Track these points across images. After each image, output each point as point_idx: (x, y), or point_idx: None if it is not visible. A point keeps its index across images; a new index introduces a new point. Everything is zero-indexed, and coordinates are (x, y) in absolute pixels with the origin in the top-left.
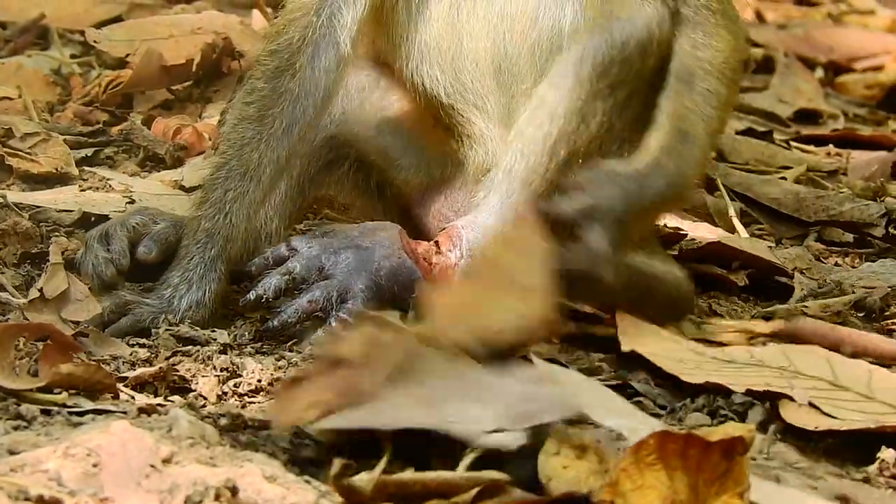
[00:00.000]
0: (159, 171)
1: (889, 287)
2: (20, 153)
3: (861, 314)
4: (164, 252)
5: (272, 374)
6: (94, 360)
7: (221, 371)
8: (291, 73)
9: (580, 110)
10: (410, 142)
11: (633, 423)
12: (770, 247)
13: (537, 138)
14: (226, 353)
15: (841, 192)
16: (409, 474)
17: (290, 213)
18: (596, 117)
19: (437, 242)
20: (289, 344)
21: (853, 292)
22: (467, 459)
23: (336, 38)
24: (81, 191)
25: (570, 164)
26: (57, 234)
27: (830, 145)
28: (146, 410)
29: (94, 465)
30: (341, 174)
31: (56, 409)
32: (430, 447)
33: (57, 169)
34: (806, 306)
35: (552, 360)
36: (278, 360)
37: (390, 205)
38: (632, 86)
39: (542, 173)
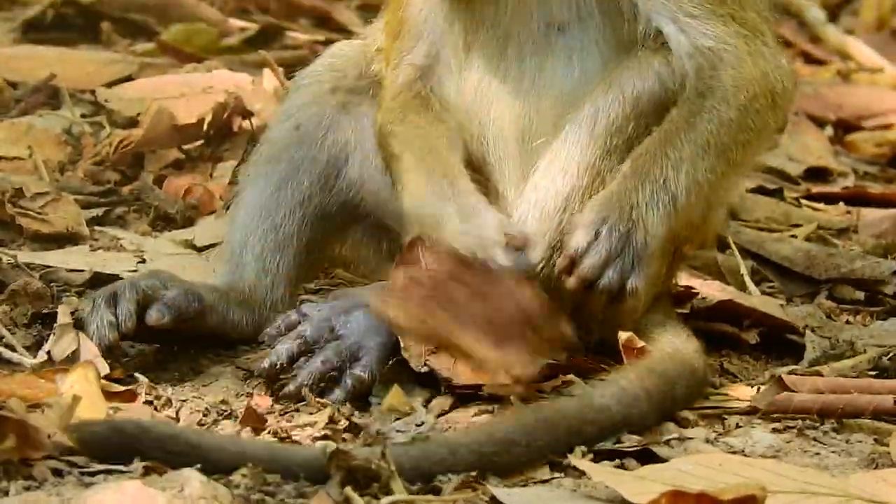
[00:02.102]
0: (170, 231)
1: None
2: (31, 213)
3: (875, 373)
4: (176, 319)
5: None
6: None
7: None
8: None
9: (594, 165)
10: None
11: None
12: (781, 305)
13: (551, 192)
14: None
15: (852, 250)
16: None
17: (300, 275)
18: (612, 172)
19: None
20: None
21: (865, 351)
22: None
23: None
24: (92, 251)
25: None
26: (68, 294)
27: (841, 203)
28: (157, 470)
29: None
30: (356, 237)
31: (67, 469)
32: None
33: (68, 229)
34: (819, 368)
35: None
36: (290, 422)
37: None
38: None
39: (556, 226)
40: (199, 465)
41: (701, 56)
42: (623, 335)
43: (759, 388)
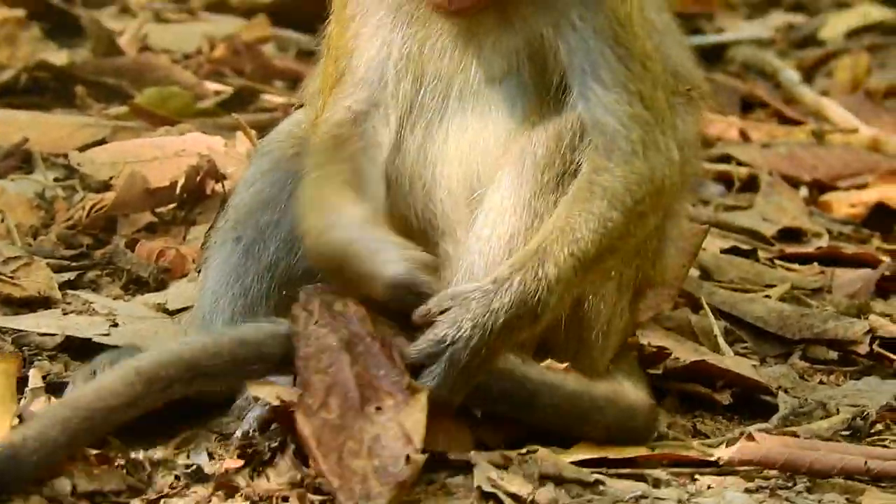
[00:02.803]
0: (143, 295)
1: (875, 406)
2: (3, 277)
3: (848, 433)
4: None
5: None
6: None
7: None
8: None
9: (530, 206)
10: None
11: None
12: (754, 365)
13: (493, 238)
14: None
15: (825, 310)
16: None
17: None
18: (549, 209)
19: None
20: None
21: (837, 411)
22: None
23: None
24: (64, 314)
25: None
26: (39, 358)
27: (815, 263)
28: None
29: None
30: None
31: None
32: None
33: (40, 293)
34: (791, 428)
35: None
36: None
37: None
38: None
39: None
40: None
41: (599, 133)
42: (547, 362)
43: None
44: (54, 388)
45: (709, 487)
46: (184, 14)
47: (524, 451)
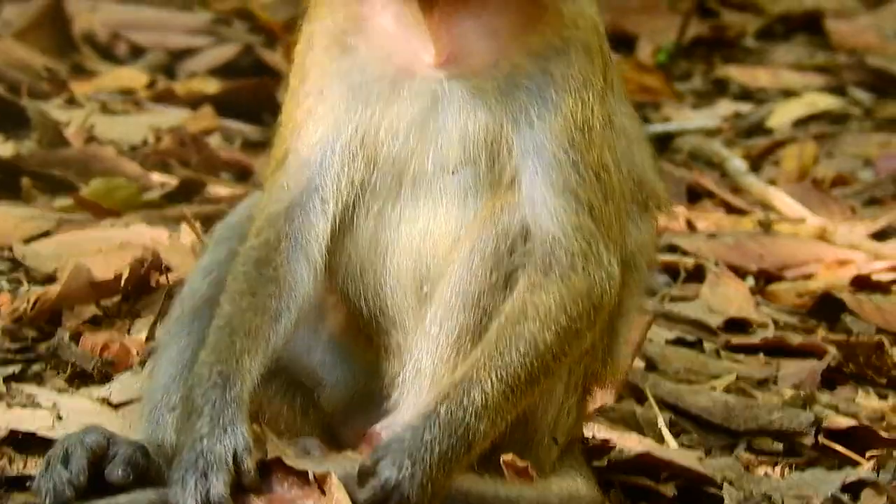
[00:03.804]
0: (87, 388)
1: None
2: None
3: None
4: (137, 475)
5: None
6: None
7: None
8: (273, 266)
9: (479, 304)
10: (339, 357)
11: None
12: (699, 457)
13: (441, 336)
14: None
15: (771, 401)
16: None
17: None
18: (497, 307)
19: (360, 451)
20: None
21: (783, 503)
22: None
23: (306, 248)
24: (9, 408)
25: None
26: None
27: (760, 354)
28: None
29: None
30: (271, 393)
31: None
32: None
33: None
34: None
35: None
36: None
37: (313, 423)
38: None
39: (451, 368)
40: None
41: (540, 242)
42: (506, 455)
43: None
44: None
45: None
46: (130, 105)
47: None
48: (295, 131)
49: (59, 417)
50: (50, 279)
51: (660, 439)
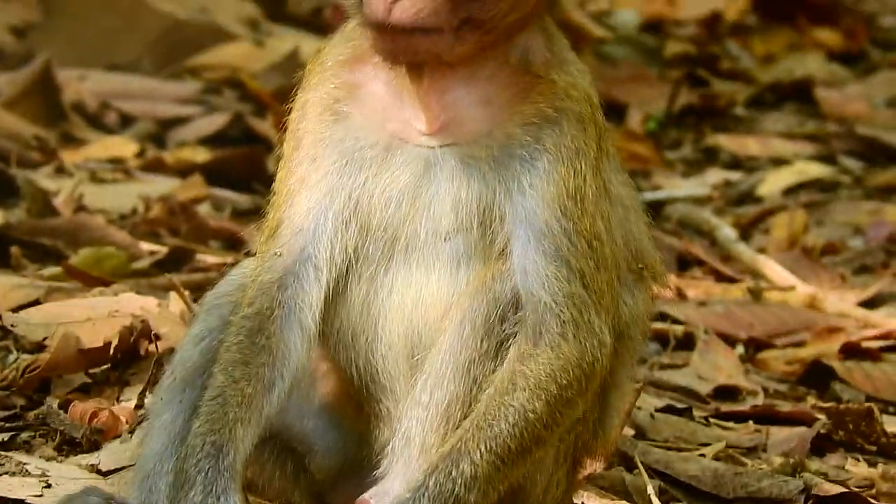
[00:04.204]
0: (76, 456)
1: None
2: None
3: None
4: None
5: None
6: None
7: None
8: (266, 335)
9: (470, 373)
10: (330, 424)
11: None
12: None
13: (431, 404)
14: None
15: (760, 469)
16: None
17: None
18: (487, 377)
19: None
20: None
21: None
22: None
23: (300, 316)
24: None
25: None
26: None
27: (750, 421)
28: None
29: None
30: (263, 459)
31: None
32: None
33: None
34: None
35: None
36: None
37: (303, 489)
38: None
39: (442, 437)
40: None
41: (532, 310)
42: None
43: None
44: None
45: None
46: (119, 174)
47: None
48: (288, 199)
49: (49, 485)
50: (39, 347)
51: None
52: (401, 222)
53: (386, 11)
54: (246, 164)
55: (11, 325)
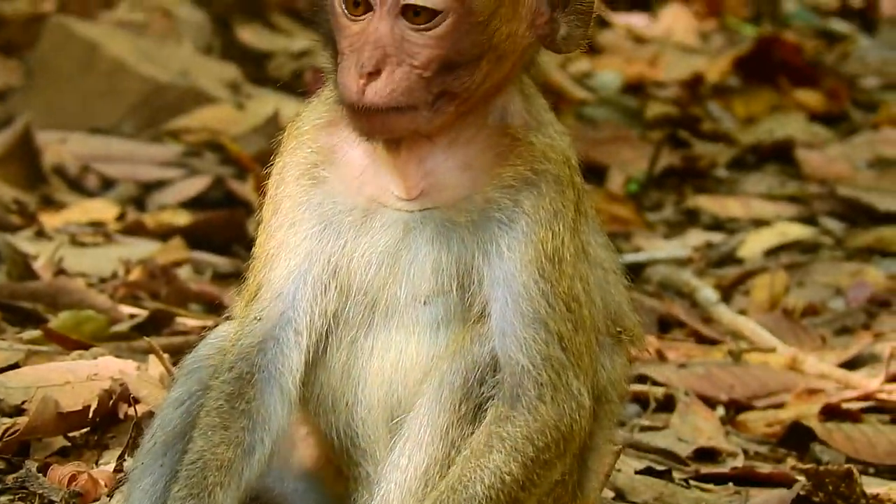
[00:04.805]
0: None
1: None
2: None
3: None
4: None
5: None
6: None
7: None
8: (246, 399)
9: (448, 436)
10: (310, 487)
11: None
12: None
13: (409, 468)
14: None
15: None
16: None
17: None
18: (465, 440)
19: None
20: None
21: None
22: None
23: (280, 380)
24: None
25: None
26: None
27: (730, 483)
28: None
29: None
30: None
31: None
32: None
33: None
34: None
35: None
36: None
37: None
38: None
39: (420, 501)
40: None
41: (509, 373)
42: None
43: None
44: None
45: None
46: (100, 237)
47: None
48: (267, 263)
49: None
50: (18, 411)
51: None
52: (380, 286)
53: (359, 93)
54: (226, 227)
55: None
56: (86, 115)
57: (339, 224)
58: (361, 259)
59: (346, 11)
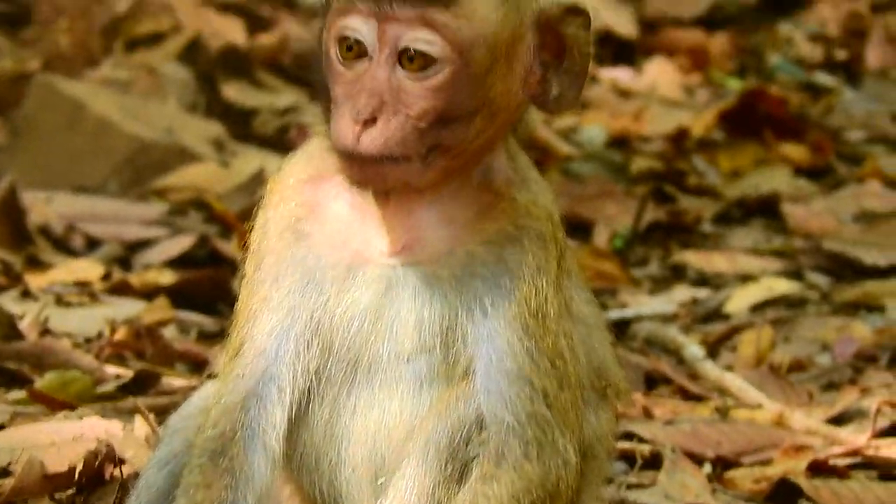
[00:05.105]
0: None
1: None
2: None
3: None
4: None
5: None
6: None
7: None
8: (229, 457)
9: (433, 495)
10: None
11: None
12: None
13: None
14: None
15: None
16: None
17: None
18: (453, 501)
19: None
20: None
21: None
22: None
23: (263, 438)
24: None
25: None
26: None
27: None
28: None
29: None
30: None
31: None
32: None
33: None
34: None
35: None
36: None
37: None
38: None
39: None
40: None
41: (495, 431)
42: None
43: None
44: None
45: None
46: (85, 297)
47: None
48: (250, 319)
49: None
50: (3, 473)
51: None
52: (363, 343)
53: (354, 140)
54: (212, 286)
55: None
56: (71, 174)
57: (321, 279)
58: (344, 315)
59: (341, 58)
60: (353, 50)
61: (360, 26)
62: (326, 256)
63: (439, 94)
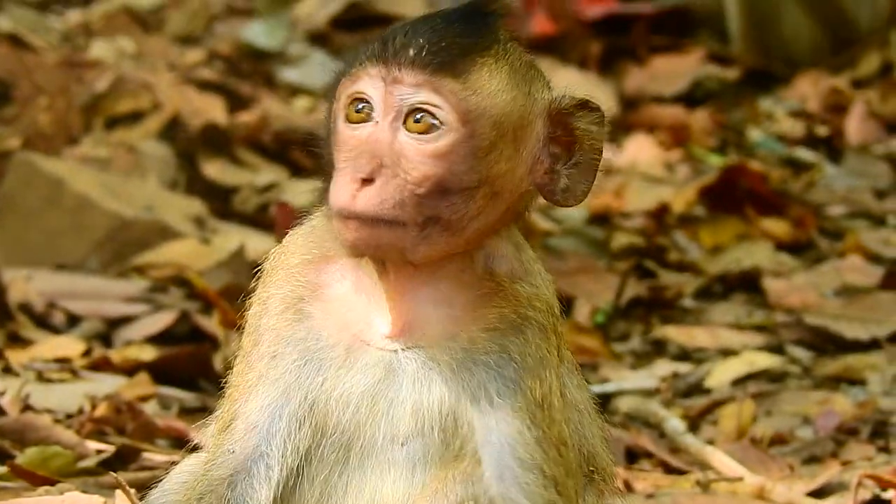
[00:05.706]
0: None
1: None
2: None
3: None
4: None
5: None
6: None
7: None
8: None
9: None
10: None
11: None
12: None
13: None
14: None
15: None
16: None
17: None
18: None
19: None
20: None
21: None
22: None
23: None
24: None
25: None
26: None
27: None
28: None
29: None
30: None
31: None
32: None
33: None
34: None
35: None
36: None
37: None
38: None
39: None
40: None
41: None
42: None
43: None
44: None
45: None
46: (66, 374)
47: None
48: (244, 395)
49: None
50: None
51: None
52: (358, 426)
53: (351, 199)
54: (193, 362)
55: None
56: (52, 251)
57: (320, 360)
58: (340, 398)
59: (348, 121)
60: (361, 112)
61: (368, 88)
62: (326, 338)
63: (439, 161)
